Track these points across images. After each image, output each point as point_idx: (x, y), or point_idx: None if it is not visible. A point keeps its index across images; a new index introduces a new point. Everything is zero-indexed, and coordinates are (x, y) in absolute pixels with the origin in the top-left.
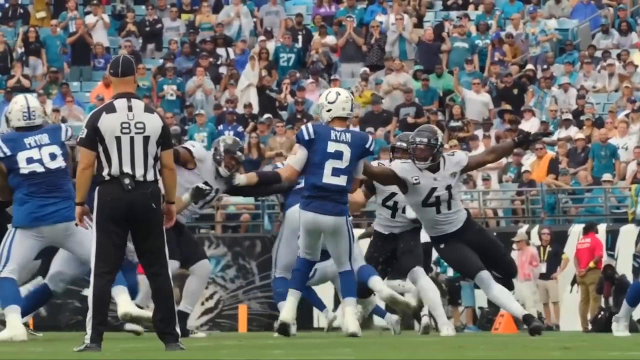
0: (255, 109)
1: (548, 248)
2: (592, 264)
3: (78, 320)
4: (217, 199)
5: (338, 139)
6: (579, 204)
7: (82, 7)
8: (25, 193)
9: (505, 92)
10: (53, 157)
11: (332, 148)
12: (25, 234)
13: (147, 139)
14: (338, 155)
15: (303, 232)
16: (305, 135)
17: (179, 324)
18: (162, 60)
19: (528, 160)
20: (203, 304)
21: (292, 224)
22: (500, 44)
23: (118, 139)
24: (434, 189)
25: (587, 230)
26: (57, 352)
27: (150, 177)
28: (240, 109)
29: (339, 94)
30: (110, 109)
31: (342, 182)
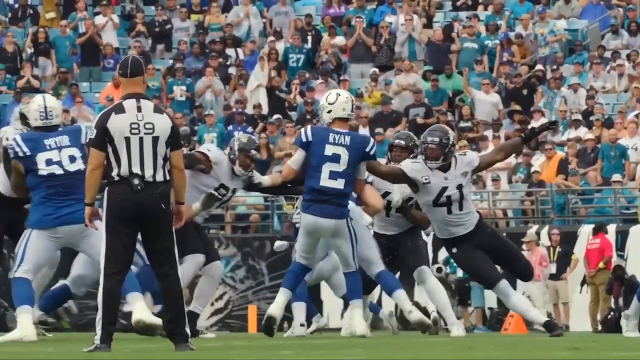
0: (265, 110)
1: (558, 248)
2: (601, 265)
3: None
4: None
5: (336, 142)
6: (589, 205)
7: (91, 7)
8: (43, 195)
9: (515, 92)
10: (72, 159)
11: (329, 151)
12: (41, 235)
13: (156, 140)
14: (335, 159)
15: (302, 234)
16: (303, 138)
17: (189, 325)
18: (171, 61)
19: (538, 161)
20: (213, 305)
21: None
22: (509, 45)
23: (127, 140)
24: (445, 189)
25: (596, 231)
26: (67, 352)
27: (160, 177)
28: (250, 110)
29: (339, 95)
30: (120, 110)
31: (339, 185)
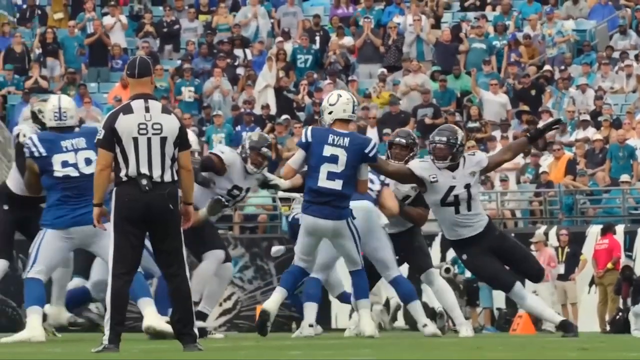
0: (273, 110)
1: (566, 249)
2: (610, 265)
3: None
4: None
5: (335, 143)
6: (597, 205)
7: (99, 8)
8: (58, 197)
9: (523, 93)
10: (88, 162)
11: (327, 152)
12: (55, 236)
13: (164, 140)
14: (333, 159)
15: (303, 234)
16: (303, 138)
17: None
18: (179, 61)
19: (546, 161)
20: (221, 305)
21: None
22: (517, 45)
23: (135, 140)
24: (452, 188)
25: (605, 231)
26: (75, 352)
27: (168, 178)
28: (258, 110)
29: (340, 96)
30: (128, 110)
31: (337, 186)
